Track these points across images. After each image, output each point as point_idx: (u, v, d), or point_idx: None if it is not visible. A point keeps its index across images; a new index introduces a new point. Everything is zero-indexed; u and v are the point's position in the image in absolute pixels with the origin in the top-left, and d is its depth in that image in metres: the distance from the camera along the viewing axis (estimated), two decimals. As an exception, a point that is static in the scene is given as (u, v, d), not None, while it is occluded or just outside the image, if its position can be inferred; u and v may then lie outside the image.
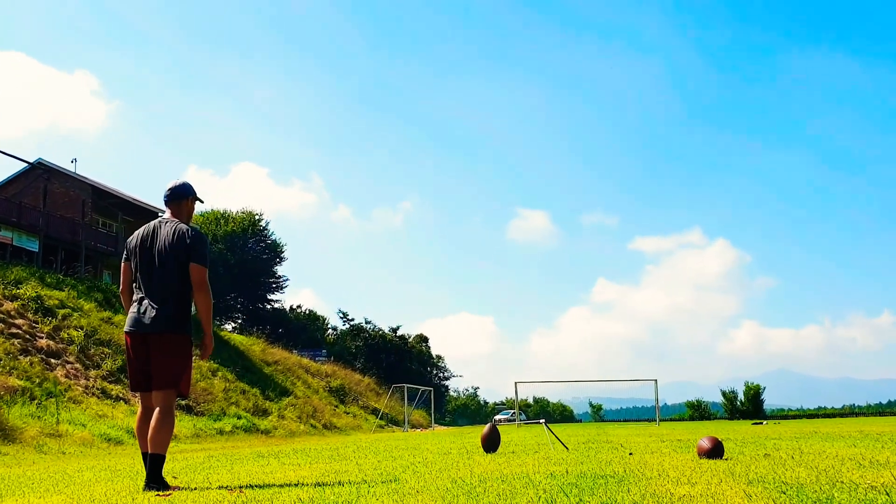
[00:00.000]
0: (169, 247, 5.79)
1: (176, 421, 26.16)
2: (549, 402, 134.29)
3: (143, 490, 5.35)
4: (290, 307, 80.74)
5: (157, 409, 5.47)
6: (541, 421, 10.79)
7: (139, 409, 5.68)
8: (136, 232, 6.03)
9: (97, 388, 25.58)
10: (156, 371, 5.56)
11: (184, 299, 5.80)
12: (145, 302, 5.70)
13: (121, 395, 26.19)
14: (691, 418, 74.98)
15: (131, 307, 5.79)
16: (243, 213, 73.93)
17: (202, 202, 7.84)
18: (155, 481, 5.35)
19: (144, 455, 5.48)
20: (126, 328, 5.70)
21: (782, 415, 79.83)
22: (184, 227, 5.91)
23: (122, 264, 6.03)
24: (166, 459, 5.62)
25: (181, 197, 6.17)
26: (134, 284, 5.90)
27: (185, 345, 5.72)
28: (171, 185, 6.19)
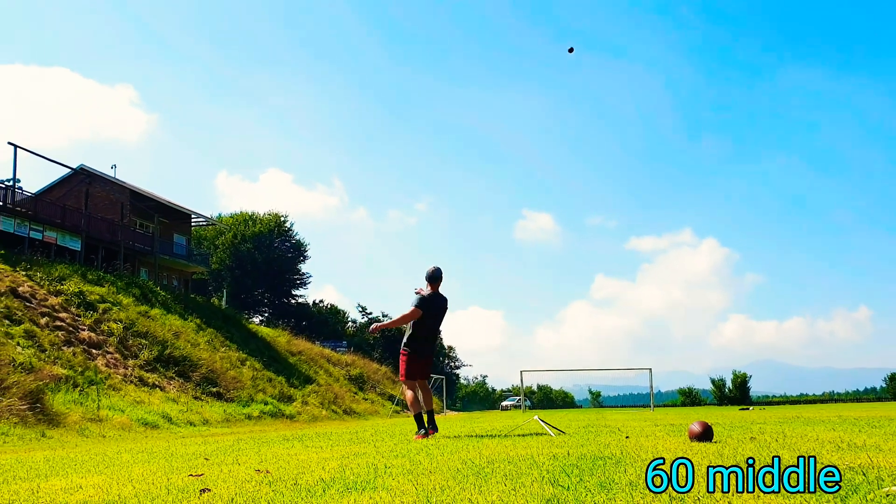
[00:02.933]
0: (443, 309, 8.95)
1: (206, 406, 26.02)
2: (551, 389, 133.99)
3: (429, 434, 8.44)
4: (313, 302, 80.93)
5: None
6: (535, 417, 10.76)
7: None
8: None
9: (135, 377, 25.66)
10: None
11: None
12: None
13: (157, 383, 26.26)
14: (683, 404, 74.81)
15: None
16: (270, 215, 74.05)
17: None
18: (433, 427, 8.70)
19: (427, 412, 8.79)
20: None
21: (767, 401, 79.53)
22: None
23: (416, 310, 8.60)
24: (200, 443, 5.63)
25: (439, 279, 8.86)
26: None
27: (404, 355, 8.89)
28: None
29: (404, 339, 8.85)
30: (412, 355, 8.78)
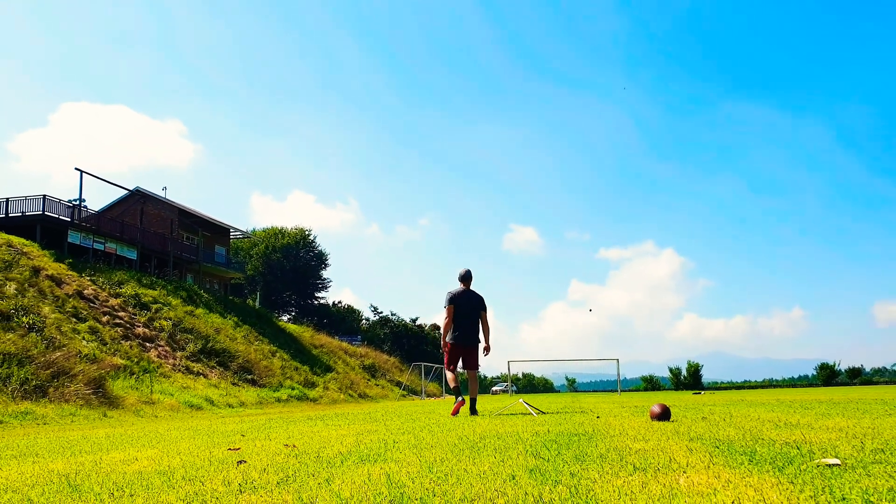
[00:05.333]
0: (477, 304, 8.80)
1: (243, 391, 25.85)
2: (534, 376, 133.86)
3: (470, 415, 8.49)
4: (333, 303, 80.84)
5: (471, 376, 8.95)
6: (520, 400, 10.77)
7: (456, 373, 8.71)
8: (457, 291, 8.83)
9: (182, 366, 25.63)
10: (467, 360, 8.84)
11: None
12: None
13: (200, 371, 26.22)
14: (645, 389, 74.63)
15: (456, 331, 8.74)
16: (296, 229, 74.11)
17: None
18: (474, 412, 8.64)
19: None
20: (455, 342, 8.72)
21: (716, 387, 79.37)
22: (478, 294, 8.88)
23: (449, 307, 8.67)
24: (237, 422, 5.64)
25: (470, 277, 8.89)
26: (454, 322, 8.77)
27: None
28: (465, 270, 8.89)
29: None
30: (451, 345, 8.71)
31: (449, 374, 8.79)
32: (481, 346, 8.88)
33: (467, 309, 8.74)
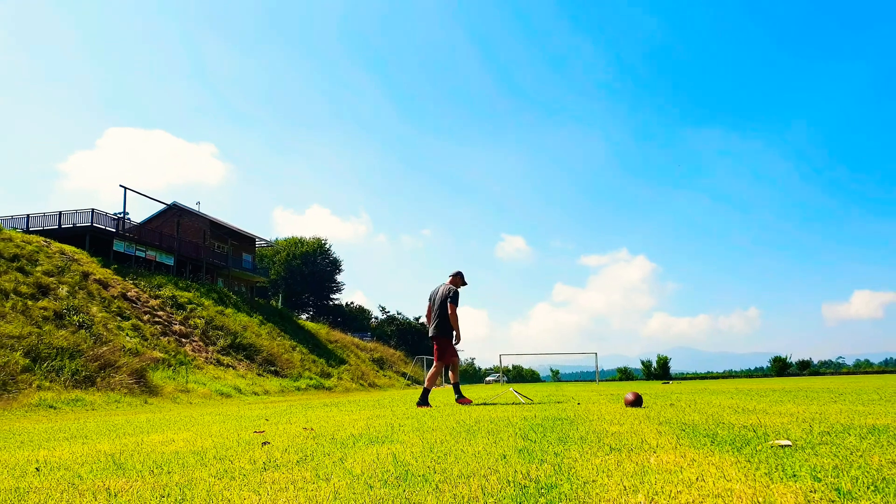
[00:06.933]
0: (442, 296, 7.87)
1: (267, 381, 25.71)
2: (523, 368, 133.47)
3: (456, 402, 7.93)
4: (346, 303, 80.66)
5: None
6: (510, 389, 10.75)
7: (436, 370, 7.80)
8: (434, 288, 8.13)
9: (214, 359, 25.58)
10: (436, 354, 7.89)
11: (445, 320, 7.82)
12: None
13: (230, 363, 26.17)
14: (621, 380, 74.48)
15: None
16: (314, 239, 74.07)
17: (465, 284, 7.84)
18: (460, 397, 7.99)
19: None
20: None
21: (682, 377, 79.23)
22: (450, 287, 7.96)
23: (428, 304, 7.98)
24: (262, 408, 5.63)
25: (455, 275, 8.11)
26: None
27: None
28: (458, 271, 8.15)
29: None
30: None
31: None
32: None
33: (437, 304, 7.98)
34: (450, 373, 7.93)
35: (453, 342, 7.83)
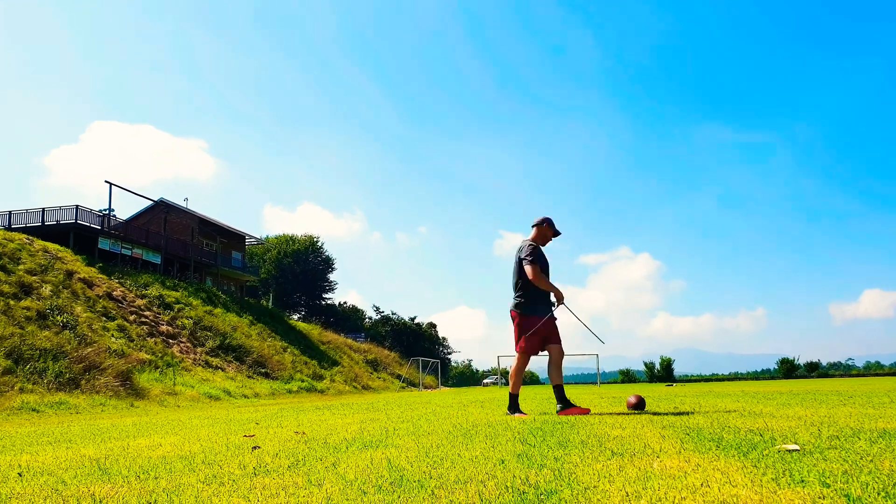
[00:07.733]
0: (518, 257, 5.69)
1: (257, 383, 25.71)
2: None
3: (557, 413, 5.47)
4: (339, 303, 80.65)
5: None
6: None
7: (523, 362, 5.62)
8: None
9: (202, 361, 25.55)
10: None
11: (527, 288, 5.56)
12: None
13: (219, 365, 26.15)
14: (622, 381, 74.61)
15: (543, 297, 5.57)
16: (305, 236, 74.10)
17: (558, 234, 6.05)
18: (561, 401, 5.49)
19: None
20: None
21: (687, 379, 79.41)
22: (528, 242, 5.73)
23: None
24: (253, 410, 5.63)
25: (537, 225, 5.85)
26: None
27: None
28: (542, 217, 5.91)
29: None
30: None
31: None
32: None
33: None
34: (551, 368, 5.55)
35: (538, 315, 5.49)
